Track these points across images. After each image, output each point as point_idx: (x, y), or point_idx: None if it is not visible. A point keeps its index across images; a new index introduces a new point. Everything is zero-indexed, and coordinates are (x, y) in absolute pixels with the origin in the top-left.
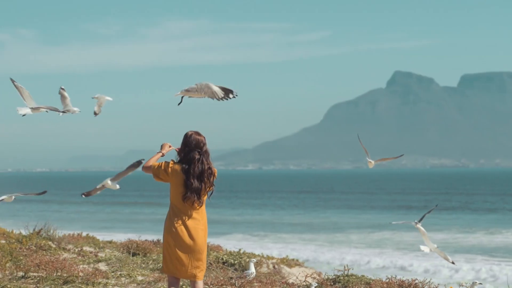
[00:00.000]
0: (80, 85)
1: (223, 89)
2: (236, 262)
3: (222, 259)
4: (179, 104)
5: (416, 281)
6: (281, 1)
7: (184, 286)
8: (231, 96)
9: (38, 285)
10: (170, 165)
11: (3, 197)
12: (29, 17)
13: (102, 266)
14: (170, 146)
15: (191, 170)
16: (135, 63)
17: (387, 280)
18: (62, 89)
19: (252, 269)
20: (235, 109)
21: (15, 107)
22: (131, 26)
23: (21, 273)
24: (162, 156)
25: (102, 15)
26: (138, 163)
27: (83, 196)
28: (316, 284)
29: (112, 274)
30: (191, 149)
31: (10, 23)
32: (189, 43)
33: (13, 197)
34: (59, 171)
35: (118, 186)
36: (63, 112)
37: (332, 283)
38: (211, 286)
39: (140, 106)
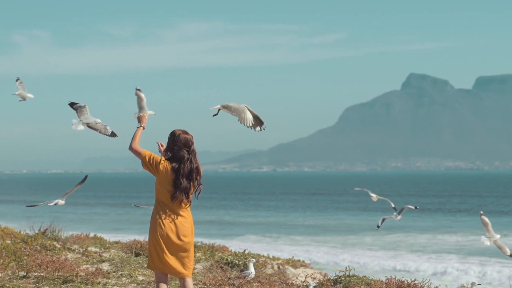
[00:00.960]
0: (94, 87)
1: (256, 118)
2: (241, 262)
3: (227, 259)
4: (214, 115)
5: (416, 282)
6: (297, 3)
7: None
8: (258, 128)
9: (37, 284)
10: (162, 162)
11: (57, 200)
12: (44, 18)
13: (105, 266)
14: (144, 116)
15: (181, 169)
16: (150, 65)
17: (386, 281)
18: (138, 90)
19: (251, 269)
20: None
21: (32, 109)
22: (146, 28)
23: (22, 273)
24: (143, 129)
25: (117, 16)
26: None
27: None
28: (315, 284)
29: (113, 274)
30: (180, 148)
31: (26, 24)
32: (204, 45)
33: (64, 200)
34: (74, 172)
35: None
36: (112, 135)
37: (333, 284)
38: (210, 286)
39: (154, 107)
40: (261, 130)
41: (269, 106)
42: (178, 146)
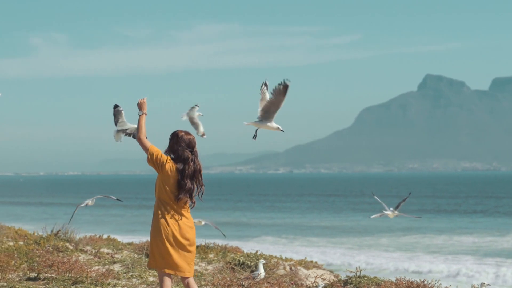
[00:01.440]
0: (111, 88)
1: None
2: (253, 263)
3: (239, 260)
4: (254, 137)
5: (425, 282)
6: (312, 4)
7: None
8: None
9: (47, 285)
10: (168, 161)
11: (87, 201)
12: (61, 21)
13: (116, 267)
14: (144, 102)
15: (186, 170)
16: (166, 67)
17: (396, 281)
18: (197, 105)
19: (261, 269)
20: None
21: (48, 111)
22: (162, 30)
23: (34, 274)
24: (146, 115)
25: (133, 18)
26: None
27: None
28: (324, 285)
29: (124, 275)
30: (184, 148)
31: (43, 27)
32: (219, 47)
33: (95, 200)
34: (91, 174)
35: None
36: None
37: (343, 285)
38: (219, 286)
39: (170, 109)
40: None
41: (286, 108)
42: (182, 147)
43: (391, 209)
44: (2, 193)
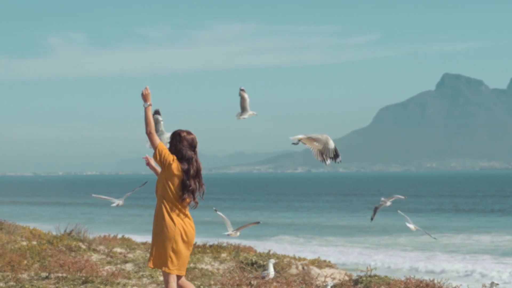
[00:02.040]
0: (130, 88)
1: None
2: (265, 263)
3: (252, 260)
4: (294, 144)
5: (434, 281)
6: (331, 4)
7: None
8: (337, 160)
9: (57, 285)
10: (173, 161)
11: (118, 201)
12: (79, 21)
13: (128, 267)
14: (148, 92)
15: (190, 170)
16: (185, 66)
17: (406, 281)
18: (242, 90)
19: (270, 269)
20: (285, 112)
21: (67, 112)
22: (181, 30)
23: (45, 274)
24: (151, 106)
25: (152, 18)
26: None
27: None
28: (332, 284)
29: (135, 274)
30: (187, 148)
31: (61, 27)
32: (238, 46)
33: (123, 200)
34: (109, 174)
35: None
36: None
37: (354, 284)
38: (228, 286)
39: (189, 108)
40: (336, 162)
41: (303, 107)
42: (185, 147)
43: (382, 199)
44: (21, 193)
